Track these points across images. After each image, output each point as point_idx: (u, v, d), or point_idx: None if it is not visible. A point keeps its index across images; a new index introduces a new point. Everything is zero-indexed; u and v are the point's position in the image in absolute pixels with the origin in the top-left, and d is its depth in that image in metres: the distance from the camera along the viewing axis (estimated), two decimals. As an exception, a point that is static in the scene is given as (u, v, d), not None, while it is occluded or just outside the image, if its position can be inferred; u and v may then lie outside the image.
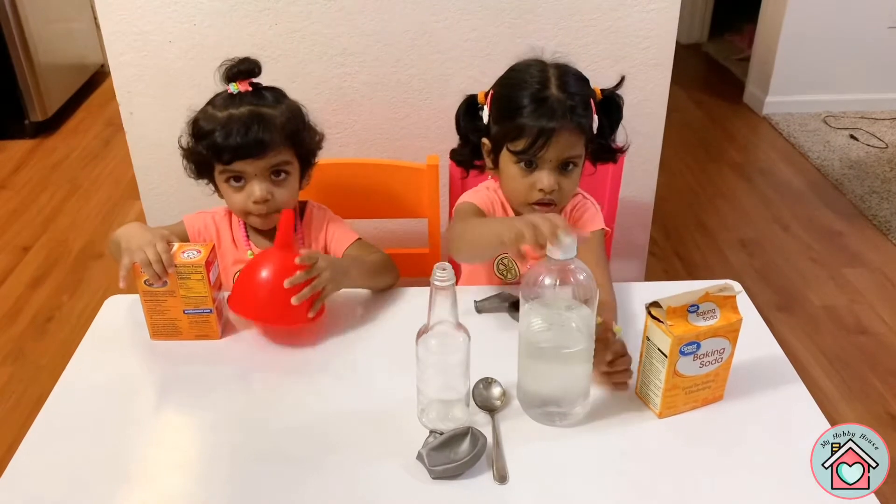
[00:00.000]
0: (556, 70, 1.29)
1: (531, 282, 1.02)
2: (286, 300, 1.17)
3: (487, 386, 1.11)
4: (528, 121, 1.24)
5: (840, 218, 2.99)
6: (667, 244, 2.81)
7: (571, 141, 1.26)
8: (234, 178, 1.32)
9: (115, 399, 1.14)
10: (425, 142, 1.86)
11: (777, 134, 3.69)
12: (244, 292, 1.22)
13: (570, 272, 1.00)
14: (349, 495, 0.97)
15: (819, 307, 2.48)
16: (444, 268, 0.97)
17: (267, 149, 1.29)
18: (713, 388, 1.09)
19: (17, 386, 2.16)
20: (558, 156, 1.26)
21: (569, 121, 1.24)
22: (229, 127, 1.28)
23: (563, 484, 0.99)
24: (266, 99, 1.33)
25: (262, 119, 1.29)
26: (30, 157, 3.54)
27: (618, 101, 1.35)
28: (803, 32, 3.62)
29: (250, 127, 1.28)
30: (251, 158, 1.29)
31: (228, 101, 1.32)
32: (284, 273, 1.18)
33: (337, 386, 1.16)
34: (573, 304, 1.02)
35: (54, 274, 2.68)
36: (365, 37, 1.74)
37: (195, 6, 1.69)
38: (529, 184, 1.29)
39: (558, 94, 1.25)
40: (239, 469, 1.01)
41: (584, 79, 1.31)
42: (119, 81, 1.76)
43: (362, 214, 1.64)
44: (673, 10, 1.72)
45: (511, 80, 1.32)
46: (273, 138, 1.30)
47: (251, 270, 1.22)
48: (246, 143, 1.28)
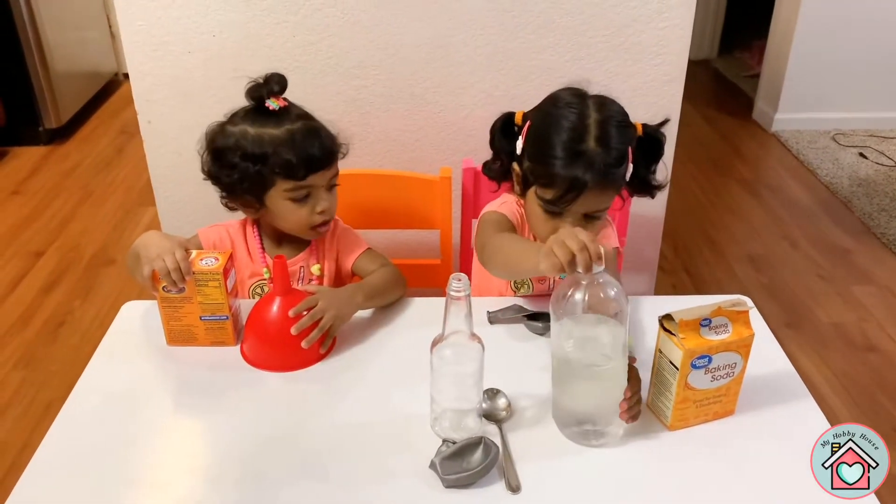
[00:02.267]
0: (597, 114, 1.23)
1: (561, 298, 1.02)
2: (296, 346, 1.19)
3: (493, 396, 1.12)
4: (561, 172, 1.21)
5: (849, 235, 2.99)
6: (675, 259, 2.81)
7: (602, 197, 1.24)
8: (299, 194, 1.31)
9: (131, 404, 1.15)
10: (439, 154, 1.87)
11: (786, 151, 3.70)
12: (254, 345, 1.23)
13: (599, 287, 1.00)
14: (361, 501, 0.98)
15: (827, 324, 2.48)
16: (460, 278, 0.98)
17: (333, 159, 1.34)
18: (724, 403, 1.10)
19: (29, 390, 2.18)
20: (586, 209, 1.24)
21: (602, 178, 1.20)
22: (296, 142, 1.28)
23: (574, 495, 1.00)
24: (303, 112, 1.35)
25: (319, 131, 1.33)
26: (43, 163, 3.57)
27: (659, 139, 1.31)
28: (813, 50, 3.64)
29: (315, 140, 1.30)
30: (323, 170, 1.32)
31: (273, 118, 1.30)
32: (288, 321, 1.19)
33: (350, 394, 1.17)
34: (604, 319, 1.01)
35: (66, 279, 2.71)
36: (380, 50, 1.76)
37: (214, 17, 1.71)
38: (553, 228, 1.23)
39: (595, 149, 1.20)
40: (252, 476, 1.02)
41: (626, 123, 1.26)
42: (138, 90, 1.78)
43: (375, 225, 1.66)
44: (686, 26, 1.74)
45: (549, 118, 1.27)
46: (335, 148, 1.34)
47: (257, 322, 1.23)
48: (319, 155, 1.30)
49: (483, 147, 1.43)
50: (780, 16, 3.76)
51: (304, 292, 1.27)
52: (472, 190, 1.64)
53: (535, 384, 1.14)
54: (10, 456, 1.95)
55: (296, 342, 1.19)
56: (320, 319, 1.21)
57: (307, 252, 1.43)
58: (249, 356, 1.23)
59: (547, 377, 1.10)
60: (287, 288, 1.22)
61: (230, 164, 1.30)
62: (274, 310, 1.21)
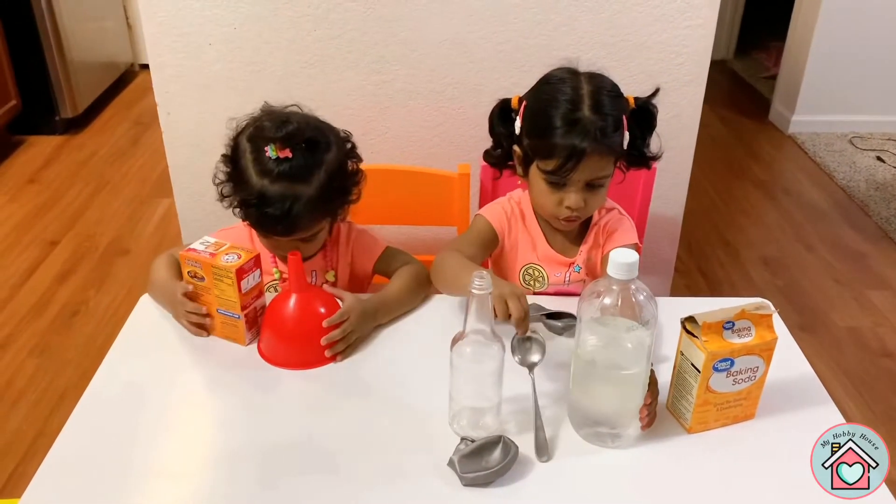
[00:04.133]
0: (589, 86, 1.27)
1: (590, 300, 1.01)
2: (313, 344, 1.20)
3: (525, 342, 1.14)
4: (559, 141, 1.24)
5: (865, 239, 2.97)
6: (690, 260, 2.80)
7: (601, 163, 1.26)
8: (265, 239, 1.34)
9: (150, 395, 1.16)
10: (457, 150, 1.87)
11: (802, 153, 3.68)
12: (270, 342, 1.24)
13: (630, 293, 0.99)
14: (379, 499, 0.98)
15: (842, 328, 2.47)
16: (482, 276, 0.97)
17: (295, 230, 1.27)
18: (745, 406, 1.09)
19: (43, 378, 2.19)
20: (587, 177, 1.27)
21: (600, 143, 1.23)
22: (261, 203, 1.23)
23: (592, 495, 0.99)
24: (303, 170, 1.25)
25: (294, 200, 1.23)
26: (59, 152, 3.58)
27: (651, 111, 1.34)
28: (832, 52, 3.61)
29: (281, 208, 1.22)
30: (280, 236, 1.29)
31: (265, 165, 1.24)
32: (305, 320, 1.21)
33: (367, 391, 1.17)
34: (632, 326, 1.01)
35: (81, 269, 2.72)
36: (401, 45, 1.75)
37: (236, 10, 1.71)
38: (557, 200, 1.30)
39: (590, 116, 1.24)
40: (269, 470, 1.02)
41: (618, 94, 1.31)
42: (158, 81, 1.79)
43: (392, 220, 1.66)
44: (709, 26, 1.73)
45: (544, 95, 1.31)
46: (301, 222, 1.26)
47: (273, 319, 1.23)
48: (277, 226, 1.25)
49: (503, 144, 1.43)
50: (800, 17, 3.74)
51: (322, 291, 1.27)
52: (490, 187, 1.64)
53: (554, 382, 1.14)
54: (25, 443, 1.96)
55: (312, 340, 1.20)
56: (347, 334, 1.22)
57: (321, 257, 1.42)
58: (266, 353, 1.23)
59: (565, 376, 1.09)
60: (303, 285, 1.21)
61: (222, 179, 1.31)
62: (290, 307, 1.21)
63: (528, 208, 1.42)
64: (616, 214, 1.42)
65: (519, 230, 1.42)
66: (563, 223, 1.34)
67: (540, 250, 1.41)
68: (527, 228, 1.42)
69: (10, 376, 2.20)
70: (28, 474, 1.27)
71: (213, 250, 1.21)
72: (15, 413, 2.06)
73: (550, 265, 1.41)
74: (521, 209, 1.42)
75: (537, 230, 1.41)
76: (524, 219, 1.42)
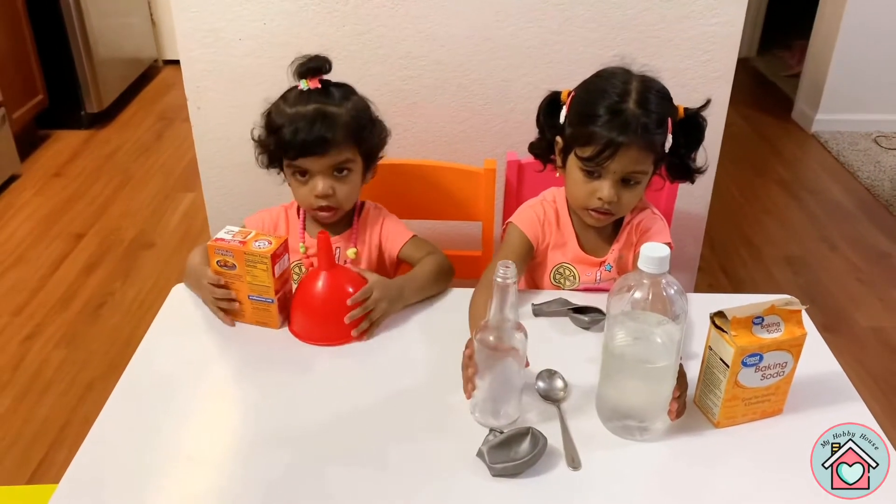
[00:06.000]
0: (639, 84, 1.28)
1: (620, 294, 1.02)
2: (338, 321, 1.24)
3: (550, 377, 1.14)
4: (600, 130, 1.25)
5: (889, 239, 2.95)
6: (712, 258, 2.79)
7: (639, 157, 1.26)
8: (299, 172, 1.36)
9: (182, 383, 1.18)
10: (483, 146, 1.87)
11: (826, 152, 3.65)
12: (298, 318, 1.27)
13: (661, 287, 1.00)
14: (409, 488, 0.99)
15: (866, 328, 2.45)
16: (508, 265, 0.99)
17: (329, 147, 1.33)
18: (773, 402, 1.09)
19: (71, 369, 2.22)
20: (622, 169, 1.27)
21: (639, 137, 1.24)
22: (295, 124, 1.32)
23: (619, 486, 1.00)
24: (333, 97, 1.36)
25: (326, 117, 1.32)
26: (85, 146, 3.63)
27: (699, 122, 1.33)
28: (857, 50, 3.59)
29: (314, 125, 1.31)
30: (315, 156, 1.33)
31: (298, 97, 1.35)
32: (332, 296, 1.24)
33: (395, 377, 1.18)
34: (662, 320, 1.01)
35: (107, 261, 2.75)
36: (429, 41, 1.76)
37: (266, 5, 1.72)
38: (590, 190, 1.30)
39: (634, 109, 1.25)
40: (299, 458, 1.03)
41: (667, 97, 1.30)
42: (189, 76, 1.81)
43: (417, 215, 1.66)
44: (737, 23, 1.73)
45: (593, 86, 1.32)
46: (336, 137, 1.33)
47: (302, 297, 1.27)
48: (310, 140, 1.31)
49: (528, 139, 1.44)
50: (825, 15, 3.71)
51: (349, 270, 1.30)
52: (515, 183, 1.64)
53: (580, 377, 1.14)
54: (53, 432, 1.99)
55: (338, 317, 1.23)
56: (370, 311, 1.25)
57: (346, 235, 1.45)
58: (297, 331, 1.27)
59: (592, 370, 1.10)
60: (331, 262, 1.25)
61: (263, 132, 1.39)
62: (319, 284, 1.25)
63: (563, 207, 1.42)
64: (649, 214, 1.42)
65: (552, 233, 1.42)
66: (594, 217, 1.34)
67: (571, 251, 1.41)
68: (560, 230, 1.42)
69: (39, 366, 2.23)
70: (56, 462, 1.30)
71: (241, 238, 1.24)
72: (43, 402, 2.09)
73: (582, 265, 1.41)
74: (556, 209, 1.42)
75: (570, 231, 1.41)
76: (558, 220, 1.42)
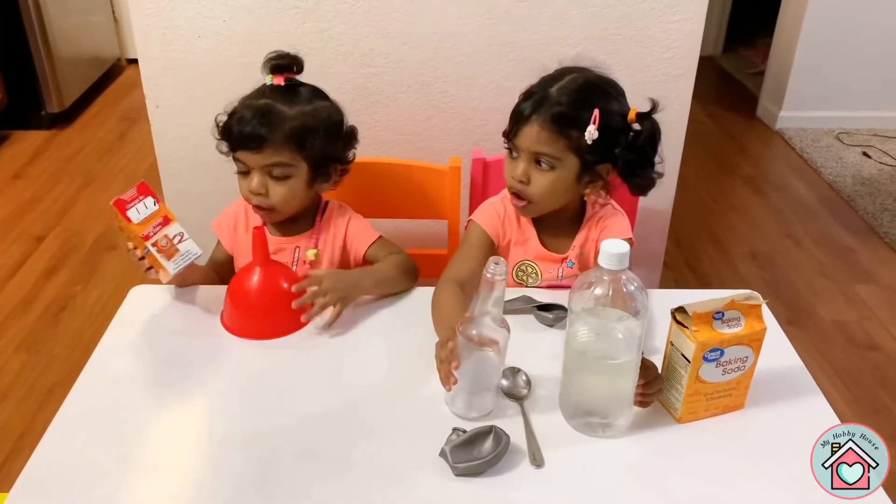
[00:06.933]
0: (576, 75, 1.30)
1: (581, 290, 1.02)
2: (274, 315, 1.24)
3: (514, 374, 1.13)
4: (517, 106, 1.30)
5: (851, 234, 2.99)
6: (678, 254, 2.81)
7: (543, 137, 1.27)
8: (238, 166, 1.35)
9: (140, 387, 1.16)
10: (448, 144, 1.86)
11: (790, 149, 3.70)
12: (231, 313, 1.27)
13: (621, 283, 0.99)
14: (371, 488, 0.98)
15: (829, 322, 2.48)
16: (498, 262, 0.99)
17: (265, 145, 1.29)
18: (734, 396, 1.10)
19: (30, 374, 2.17)
20: (529, 147, 1.29)
21: (544, 116, 1.26)
22: (239, 115, 1.31)
23: (582, 483, 1.00)
24: (291, 97, 1.33)
25: (269, 115, 1.29)
26: (45, 147, 3.55)
27: (651, 127, 1.28)
28: (819, 48, 3.64)
29: (253, 120, 1.29)
30: (249, 151, 1.31)
31: (260, 91, 1.34)
32: (268, 290, 1.24)
33: (357, 376, 1.17)
34: (623, 316, 1.01)
35: (68, 264, 2.70)
36: (391, 38, 1.75)
37: (225, 3, 1.70)
38: (510, 170, 1.33)
39: (553, 92, 1.27)
40: (260, 459, 1.02)
41: (605, 92, 1.29)
42: (147, 74, 1.77)
43: (382, 214, 1.65)
44: (698, 19, 1.74)
45: (542, 77, 1.34)
46: (273, 137, 1.29)
47: (235, 292, 1.26)
48: (246, 134, 1.29)
49: (492, 137, 1.43)
50: (787, 14, 3.76)
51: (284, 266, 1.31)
52: (480, 180, 1.64)
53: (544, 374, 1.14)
54: (12, 440, 1.94)
55: (273, 311, 1.24)
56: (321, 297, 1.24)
57: (307, 235, 1.43)
58: (227, 322, 1.26)
59: (556, 368, 1.10)
60: (265, 259, 1.24)
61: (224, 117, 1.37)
62: (253, 280, 1.24)
63: None
64: (610, 210, 1.42)
65: (513, 230, 1.42)
66: (514, 201, 1.36)
67: (533, 248, 1.41)
68: (521, 227, 1.42)
69: (-3, 372, 2.18)
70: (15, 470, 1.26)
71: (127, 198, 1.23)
72: (2, 409, 2.05)
73: (544, 262, 1.41)
74: (511, 208, 1.42)
75: (531, 228, 1.41)
76: (519, 217, 1.41)
